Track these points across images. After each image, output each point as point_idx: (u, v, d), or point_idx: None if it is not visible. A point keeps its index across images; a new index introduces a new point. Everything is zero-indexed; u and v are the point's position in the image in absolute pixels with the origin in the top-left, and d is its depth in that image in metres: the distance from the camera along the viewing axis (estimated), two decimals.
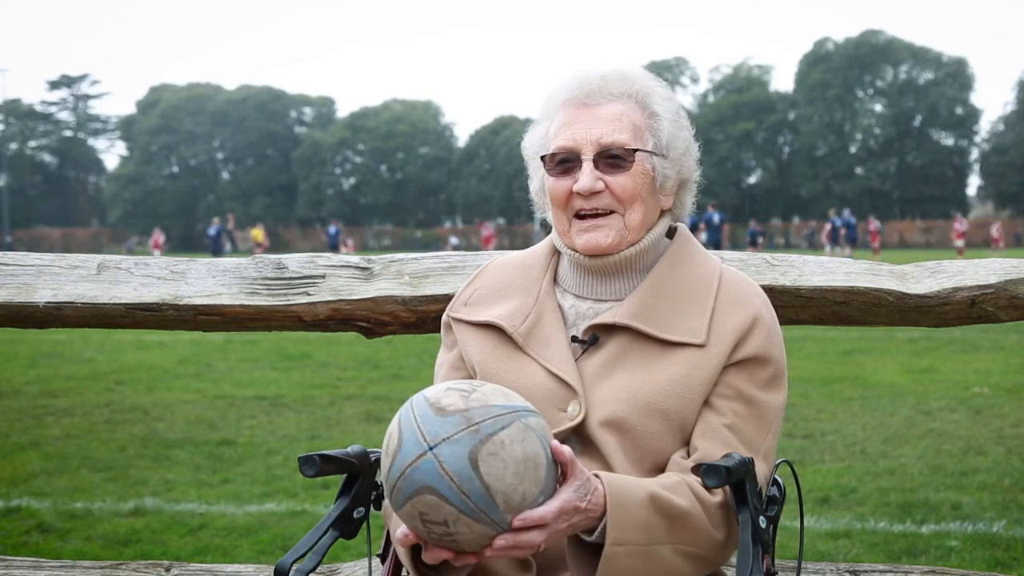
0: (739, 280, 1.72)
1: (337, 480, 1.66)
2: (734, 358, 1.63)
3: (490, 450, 1.35)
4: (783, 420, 1.72)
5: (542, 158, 1.72)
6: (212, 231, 37.13)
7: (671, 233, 1.78)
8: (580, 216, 1.68)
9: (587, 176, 1.65)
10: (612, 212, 1.67)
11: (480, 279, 1.82)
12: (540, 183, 1.75)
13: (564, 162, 1.68)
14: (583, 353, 1.67)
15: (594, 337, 1.67)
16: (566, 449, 1.41)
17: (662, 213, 1.74)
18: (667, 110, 1.71)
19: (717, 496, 1.56)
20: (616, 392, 1.61)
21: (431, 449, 1.34)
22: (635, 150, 1.66)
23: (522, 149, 1.79)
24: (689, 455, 1.61)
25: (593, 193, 1.66)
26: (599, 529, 1.46)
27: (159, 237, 44.72)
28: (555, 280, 1.76)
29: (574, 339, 1.68)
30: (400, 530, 1.43)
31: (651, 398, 1.60)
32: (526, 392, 1.60)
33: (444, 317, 1.82)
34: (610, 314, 1.66)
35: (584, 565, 1.49)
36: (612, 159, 1.66)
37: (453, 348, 1.78)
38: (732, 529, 1.57)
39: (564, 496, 1.41)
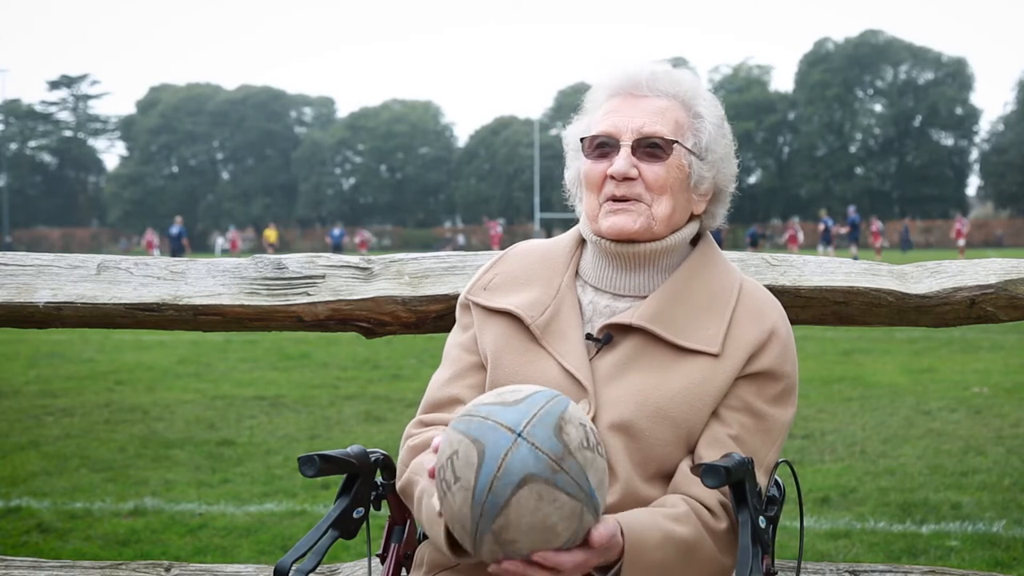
0: (758, 292, 1.71)
1: (337, 480, 1.66)
2: (746, 371, 1.63)
3: (567, 420, 1.35)
4: None
5: (581, 140, 1.72)
6: (174, 230, 34.35)
7: (696, 240, 1.76)
8: (611, 199, 1.68)
9: (622, 160, 1.65)
10: (639, 201, 1.66)
11: (501, 264, 1.80)
12: (576, 171, 1.75)
13: (603, 146, 1.68)
14: (597, 352, 1.66)
15: (608, 336, 1.65)
16: (605, 534, 1.40)
17: (692, 217, 1.73)
18: (712, 114, 1.72)
19: (723, 523, 1.57)
20: (627, 395, 1.60)
21: (519, 435, 1.32)
22: (673, 142, 1.66)
23: (562, 138, 1.80)
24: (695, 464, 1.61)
25: (626, 179, 1.65)
26: (614, 570, 1.46)
27: (152, 237, 44.05)
28: (576, 273, 1.75)
29: (588, 336, 1.67)
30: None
31: (661, 404, 1.59)
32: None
33: (461, 298, 1.80)
34: (627, 314, 1.65)
35: None
36: (650, 148, 1.66)
37: (468, 330, 1.75)
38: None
39: (586, 555, 1.39)
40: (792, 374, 1.67)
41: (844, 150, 67.52)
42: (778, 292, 2.08)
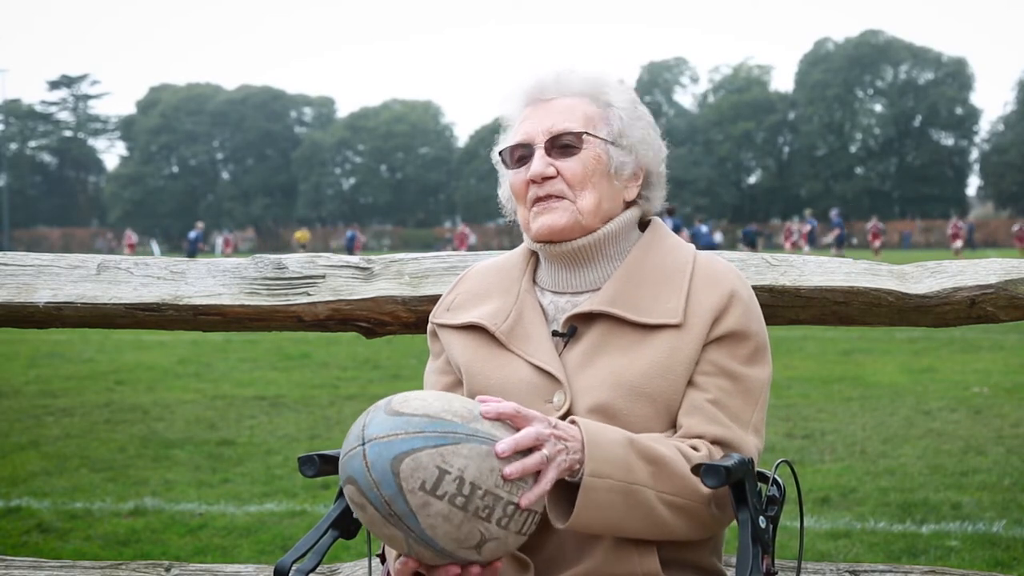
0: (713, 261, 1.73)
1: (337, 480, 1.66)
2: (713, 335, 1.64)
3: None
4: (784, 420, 1.72)
5: (500, 153, 1.76)
6: (192, 235, 37.14)
7: (644, 226, 1.79)
8: (536, 201, 1.71)
9: (538, 161, 1.69)
10: (563, 198, 1.69)
11: (461, 285, 1.84)
12: (507, 188, 1.79)
13: (522, 157, 1.72)
14: (565, 346, 1.68)
15: (572, 328, 1.68)
16: (506, 403, 1.43)
17: (627, 205, 1.76)
18: (622, 101, 1.74)
19: (701, 452, 1.56)
20: (600, 378, 1.62)
21: (363, 444, 1.36)
22: (583, 133, 1.69)
23: (492, 159, 1.82)
24: (675, 435, 1.61)
25: (546, 179, 1.68)
26: (580, 471, 1.46)
27: (131, 238, 44.50)
28: (534, 281, 1.78)
29: (555, 333, 1.69)
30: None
31: (634, 381, 1.61)
32: (512, 386, 1.62)
33: (429, 325, 1.84)
34: (587, 304, 1.68)
35: (564, 513, 1.49)
36: (563, 147, 1.69)
37: (439, 356, 1.80)
38: (720, 490, 1.55)
39: (535, 426, 1.42)
40: (760, 332, 1.68)
41: (844, 150, 67.54)
42: (778, 292, 2.08)
